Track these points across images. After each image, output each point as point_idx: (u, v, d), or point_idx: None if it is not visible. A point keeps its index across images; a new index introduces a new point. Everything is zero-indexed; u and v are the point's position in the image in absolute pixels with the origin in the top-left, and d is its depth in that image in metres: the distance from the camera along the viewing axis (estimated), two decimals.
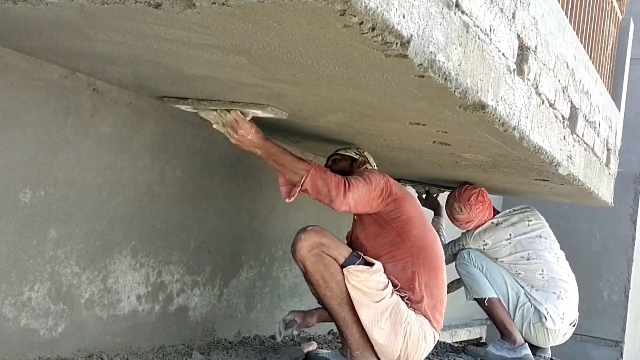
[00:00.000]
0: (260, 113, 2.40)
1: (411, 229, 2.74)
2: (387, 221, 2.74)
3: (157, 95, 2.56)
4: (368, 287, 2.54)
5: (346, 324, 2.60)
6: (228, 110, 2.39)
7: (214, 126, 2.45)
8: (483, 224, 3.92)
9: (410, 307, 2.65)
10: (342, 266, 2.54)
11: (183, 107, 2.49)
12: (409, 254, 2.71)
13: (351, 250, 2.61)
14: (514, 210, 4.03)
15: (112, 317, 2.59)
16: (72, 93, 2.32)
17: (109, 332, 2.58)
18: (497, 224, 3.91)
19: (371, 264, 2.58)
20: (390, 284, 2.62)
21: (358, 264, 2.56)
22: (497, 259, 3.88)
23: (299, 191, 2.54)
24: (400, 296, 2.64)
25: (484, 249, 3.90)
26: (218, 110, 2.41)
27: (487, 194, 3.96)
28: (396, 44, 1.40)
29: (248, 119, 2.43)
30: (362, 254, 2.62)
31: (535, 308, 3.78)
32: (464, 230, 4.01)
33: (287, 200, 2.59)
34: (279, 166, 2.54)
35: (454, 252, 4.02)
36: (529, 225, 3.92)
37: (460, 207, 3.89)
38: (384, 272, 2.64)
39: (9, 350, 2.21)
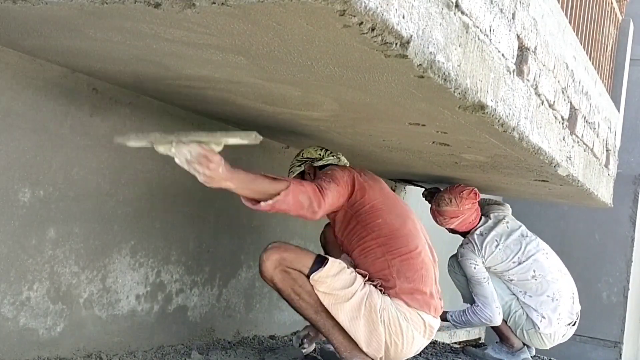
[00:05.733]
0: (231, 141, 1.99)
1: (375, 218, 2.72)
2: (352, 215, 2.74)
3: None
4: (337, 289, 2.56)
5: (327, 329, 2.63)
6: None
7: (177, 162, 2.02)
8: (468, 229, 3.78)
9: (384, 293, 2.64)
10: (308, 276, 2.56)
11: (131, 143, 2.06)
12: (377, 245, 2.71)
13: (314, 257, 2.61)
14: (486, 214, 3.87)
15: (111, 317, 2.59)
16: (72, 93, 2.32)
17: (107, 332, 2.58)
18: (481, 234, 3.75)
19: (326, 263, 2.57)
20: (358, 277, 2.62)
21: (324, 267, 2.57)
22: (489, 268, 3.74)
23: (270, 207, 2.32)
24: (374, 285, 2.64)
25: (483, 263, 3.76)
26: (174, 143, 1.97)
27: (479, 197, 3.81)
28: (396, 44, 1.40)
29: (217, 150, 2.02)
30: (325, 256, 2.65)
31: (527, 315, 3.69)
32: (449, 227, 3.89)
33: (252, 207, 2.32)
34: (256, 193, 2.28)
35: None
36: (507, 227, 3.78)
37: (451, 199, 3.76)
38: (357, 264, 2.68)
39: (8, 349, 2.21)
